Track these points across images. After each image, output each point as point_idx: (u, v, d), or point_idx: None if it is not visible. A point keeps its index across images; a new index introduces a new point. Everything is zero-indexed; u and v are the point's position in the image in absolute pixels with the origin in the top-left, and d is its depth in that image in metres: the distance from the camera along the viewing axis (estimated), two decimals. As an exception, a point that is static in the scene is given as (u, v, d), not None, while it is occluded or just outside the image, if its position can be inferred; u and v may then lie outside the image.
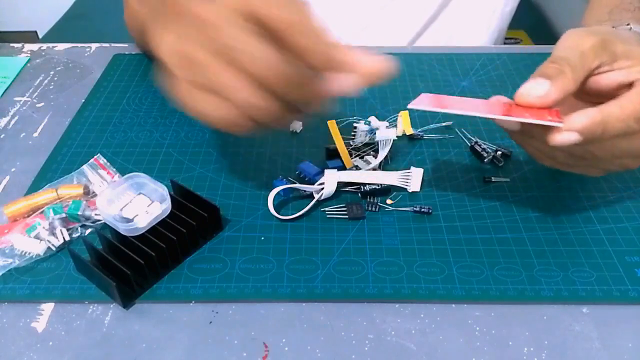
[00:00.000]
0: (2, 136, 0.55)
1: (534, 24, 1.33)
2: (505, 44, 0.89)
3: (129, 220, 0.41)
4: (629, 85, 0.41)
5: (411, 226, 0.45)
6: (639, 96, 0.39)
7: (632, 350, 0.37)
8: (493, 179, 0.49)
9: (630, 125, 0.39)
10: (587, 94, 0.43)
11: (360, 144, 0.52)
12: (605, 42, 0.41)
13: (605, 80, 0.42)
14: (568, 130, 0.38)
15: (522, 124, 0.40)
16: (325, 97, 0.37)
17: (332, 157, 0.50)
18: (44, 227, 0.43)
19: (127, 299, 0.39)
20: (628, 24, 0.51)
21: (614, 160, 0.43)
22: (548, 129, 0.38)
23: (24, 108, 0.59)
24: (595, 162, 0.42)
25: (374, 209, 0.46)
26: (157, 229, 0.41)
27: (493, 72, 0.64)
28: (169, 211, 0.41)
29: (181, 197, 0.44)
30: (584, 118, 0.38)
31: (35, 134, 0.55)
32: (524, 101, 0.40)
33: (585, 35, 0.42)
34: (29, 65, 0.66)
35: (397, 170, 0.47)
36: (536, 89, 0.40)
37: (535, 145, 0.43)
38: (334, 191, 0.46)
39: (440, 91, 0.61)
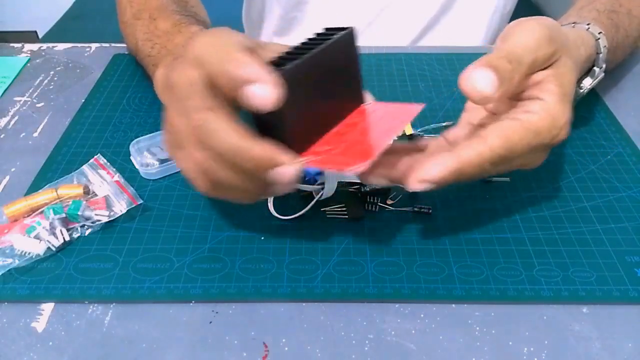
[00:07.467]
0: (2, 136, 0.55)
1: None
2: (505, 44, 0.89)
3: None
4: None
5: (411, 226, 0.45)
6: (500, 139, 0.36)
7: (632, 350, 0.37)
8: (493, 179, 0.49)
9: (485, 169, 0.37)
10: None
11: (360, 144, 0.52)
12: (555, 53, 0.38)
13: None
14: (422, 182, 0.36)
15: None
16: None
17: (332, 157, 0.50)
18: (44, 227, 0.43)
19: None
20: (588, 24, 0.50)
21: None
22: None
23: (24, 108, 0.59)
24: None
25: (374, 209, 0.46)
26: None
27: (493, 72, 0.64)
28: None
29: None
30: (440, 168, 0.36)
31: (35, 134, 0.55)
32: (465, 89, 0.36)
33: (546, 42, 0.38)
34: (29, 65, 0.66)
35: (397, 170, 0.47)
36: (487, 86, 0.35)
37: None
38: (334, 191, 0.46)
39: (440, 91, 0.60)
